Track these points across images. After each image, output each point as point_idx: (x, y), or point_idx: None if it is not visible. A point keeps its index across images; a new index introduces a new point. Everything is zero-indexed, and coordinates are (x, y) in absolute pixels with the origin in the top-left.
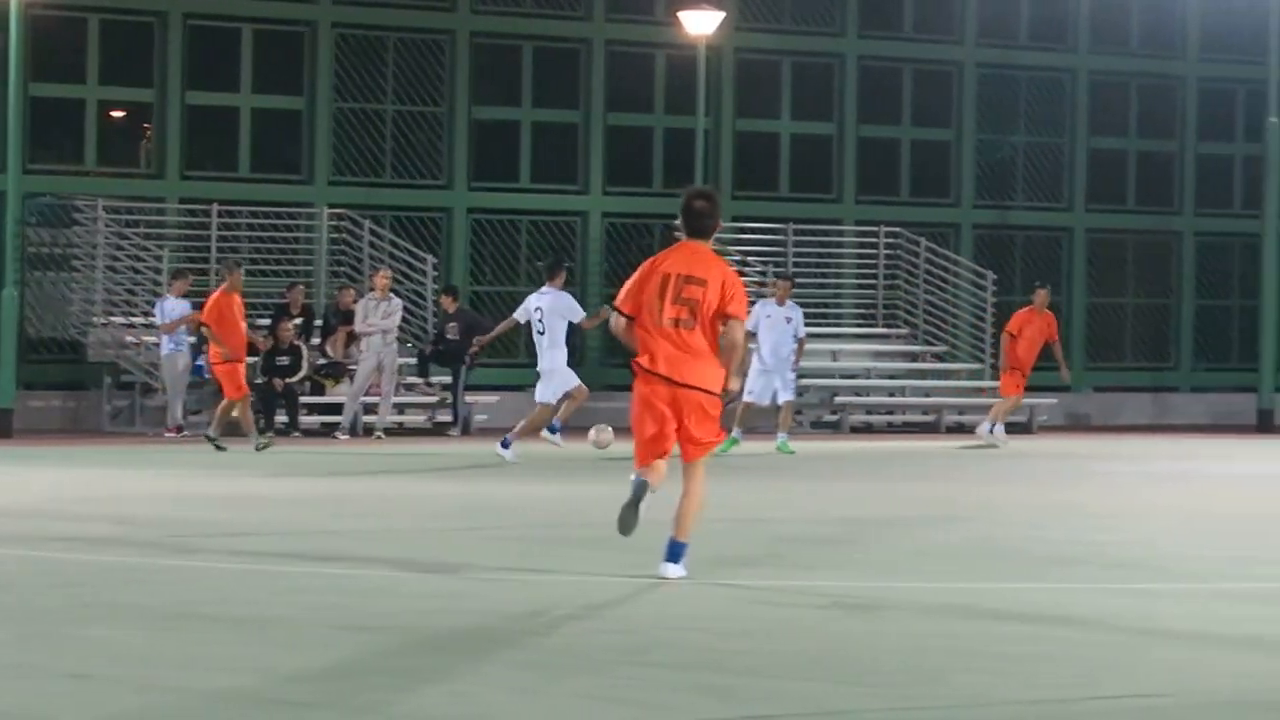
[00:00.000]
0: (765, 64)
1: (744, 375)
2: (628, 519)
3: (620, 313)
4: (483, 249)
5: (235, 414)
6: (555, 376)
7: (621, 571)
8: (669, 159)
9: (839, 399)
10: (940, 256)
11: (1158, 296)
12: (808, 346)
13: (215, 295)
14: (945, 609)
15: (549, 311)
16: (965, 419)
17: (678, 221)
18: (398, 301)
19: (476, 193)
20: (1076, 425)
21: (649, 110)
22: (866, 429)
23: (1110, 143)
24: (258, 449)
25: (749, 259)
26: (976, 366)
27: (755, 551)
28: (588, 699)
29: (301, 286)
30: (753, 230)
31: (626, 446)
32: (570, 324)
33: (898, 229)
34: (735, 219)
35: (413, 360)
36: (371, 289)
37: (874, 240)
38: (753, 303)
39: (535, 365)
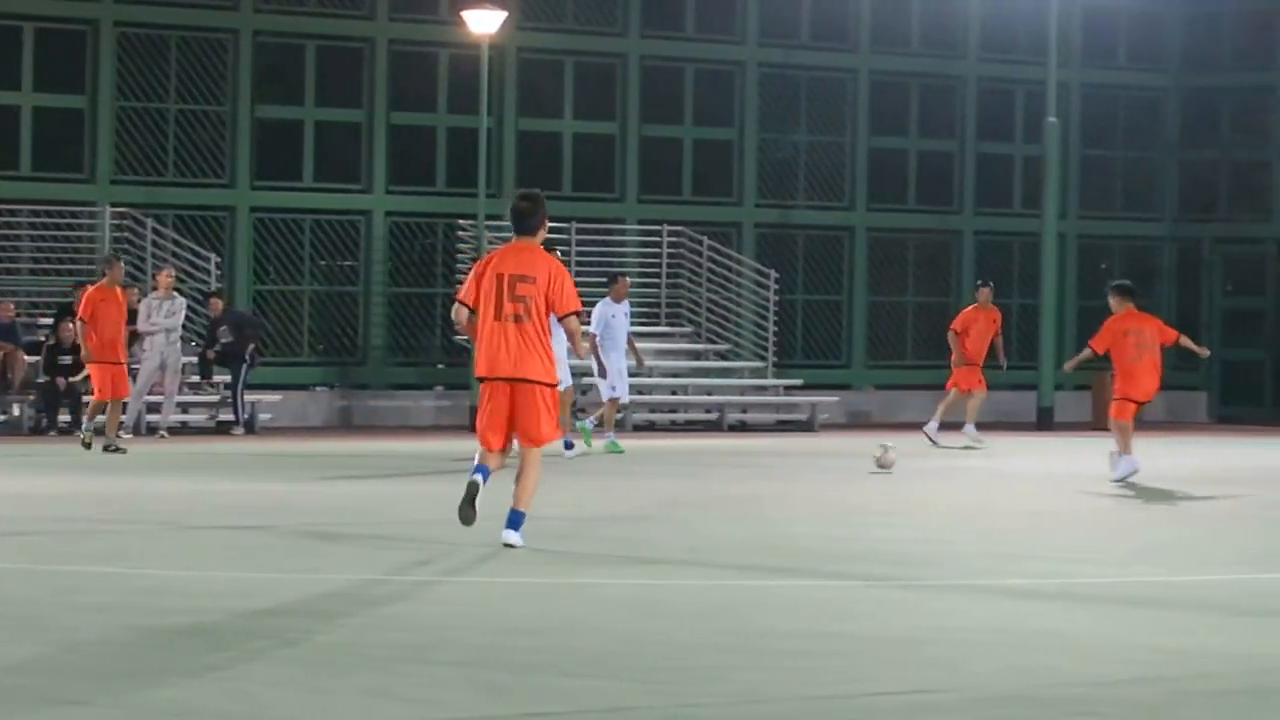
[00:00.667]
0: (548, 63)
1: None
2: (465, 513)
3: (465, 305)
4: (266, 248)
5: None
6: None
7: (404, 570)
8: (452, 158)
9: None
10: (723, 255)
11: (938, 295)
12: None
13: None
14: (724, 606)
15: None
16: (748, 417)
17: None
18: (181, 300)
19: (260, 191)
20: (858, 423)
21: (432, 109)
22: (650, 427)
23: (891, 142)
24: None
25: None
26: (759, 364)
27: (536, 549)
28: (368, 696)
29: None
30: None
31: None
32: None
33: (680, 228)
34: None
35: (191, 359)
36: (154, 288)
37: (657, 239)
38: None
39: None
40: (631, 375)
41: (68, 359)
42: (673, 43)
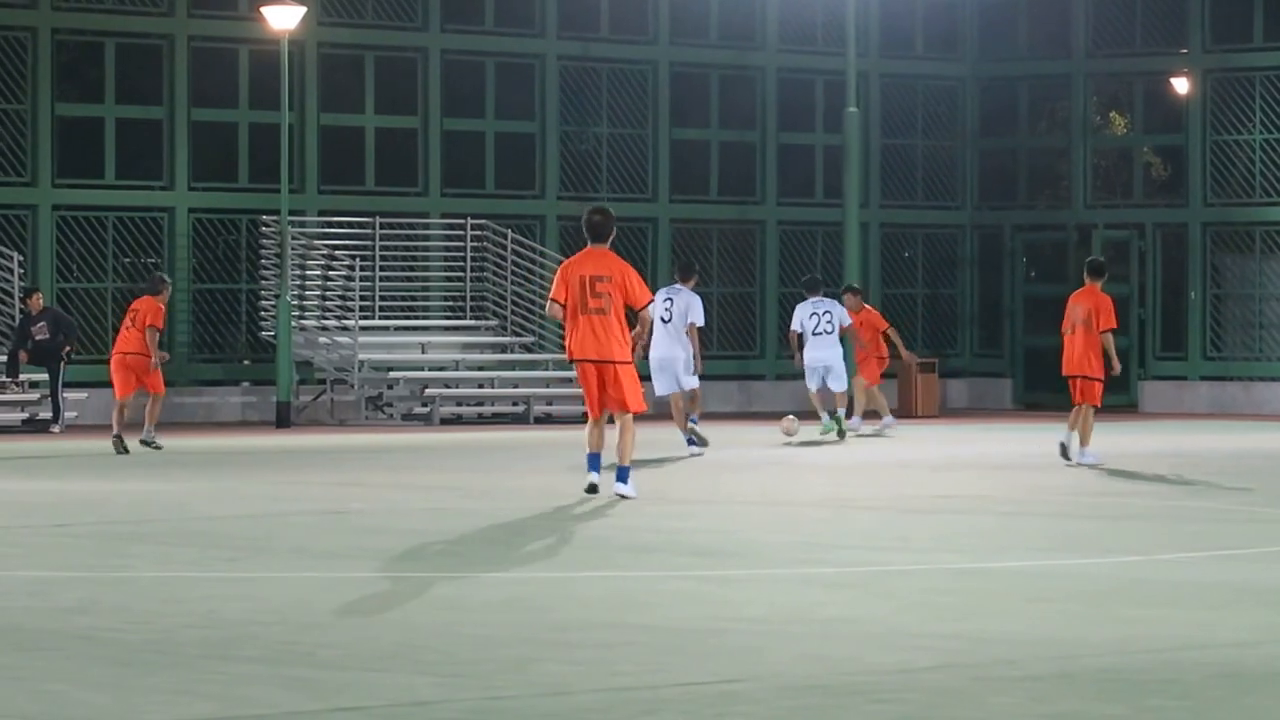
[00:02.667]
0: (348, 58)
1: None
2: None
3: (555, 302)
4: (69, 246)
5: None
6: (674, 365)
7: (208, 566)
8: (254, 154)
9: (429, 391)
10: (526, 248)
11: (742, 285)
12: (397, 339)
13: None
14: (524, 599)
15: (678, 306)
16: (554, 409)
17: None
18: None
19: (61, 189)
20: (662, 415)
21: (233, 105)
22: (457, 420)
23: (692, 134)
24: None
25: (337, 253)
26: (564, 356)
27: (339, 544)
28: (171, 694)
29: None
30: (340, 224)
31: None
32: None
33: (484, 221)
34: (323, 213)
35: (0, 358)
36: None
37: (461, 233)
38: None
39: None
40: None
41: None
42: (473, 36)
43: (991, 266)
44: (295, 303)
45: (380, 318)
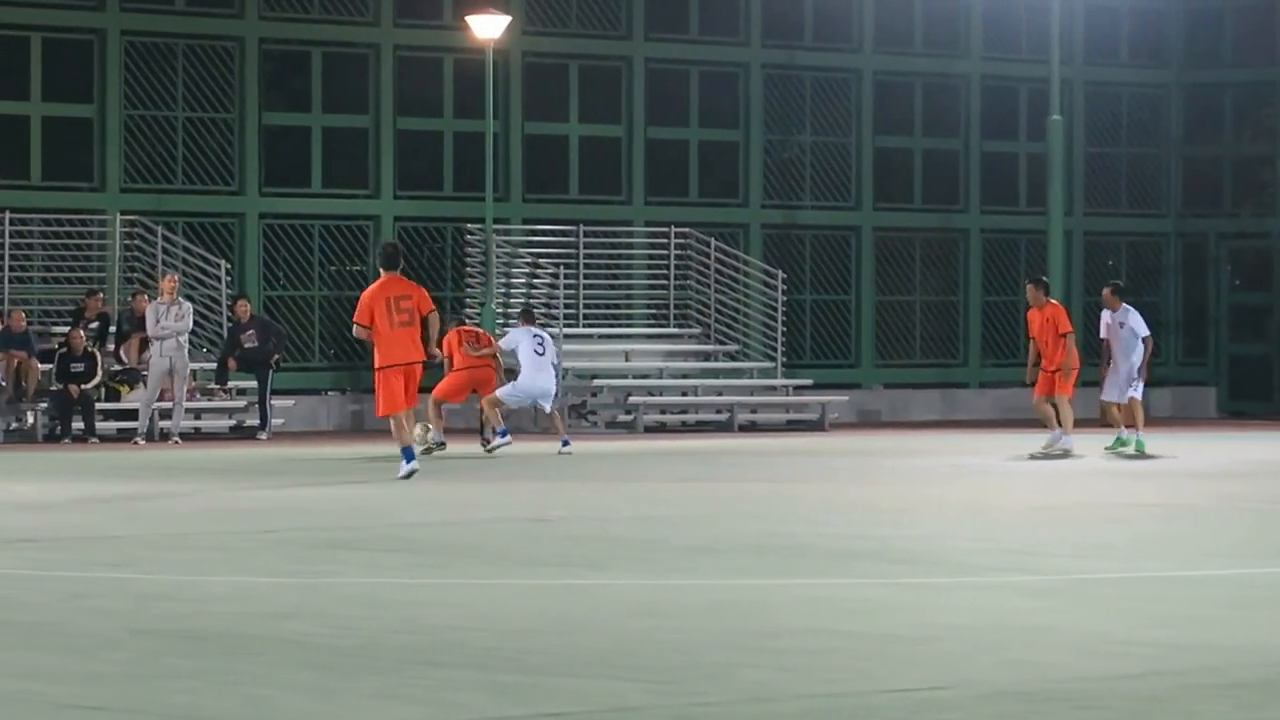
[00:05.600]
0: (553, 67)
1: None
2: None
3: (360, 325)
4: (276, 254)
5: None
6: (546, 392)
7: (410, 573)
8: (459, 163)
9: (632, 399)
10: (730, 256)
11: (945, 294)
12: (600, 347)
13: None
14: (729, 605)
15: (549, 343)
16: (758, 417)
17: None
18: (188, 305)
19: (268, 198)
20: (867, 422)
21: (438, 114)
22: (660, 428)
23: (896, 141)
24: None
25: (541, 261)
26: (768, 365)
27: (545, 551)
28: (377, 699)
29: (101, 294)
30: (544, 233)
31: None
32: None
33: (688, 229)
34: (526, 221)
35: (210, 365)
36: (159, 293)
37: (664, 241)
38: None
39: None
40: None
41: (80, 366)
42: (677, 45)
43: (1196, 274)
44: (500, 310)
45: (584, 326)
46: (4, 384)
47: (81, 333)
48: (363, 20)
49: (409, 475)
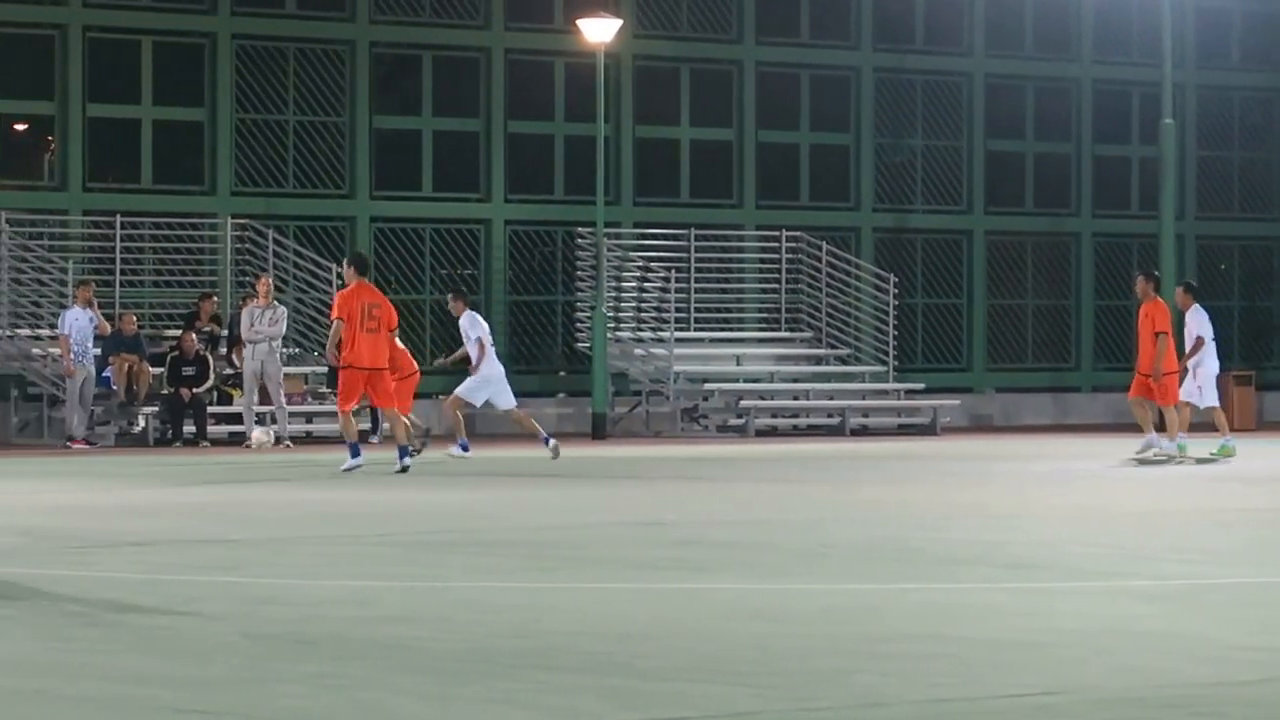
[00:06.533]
0: (664, 71)
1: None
2: None
3: (339, 319)
4: (387, 257)
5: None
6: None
7: (521, 577)
8: (570, 166)
9: (743, 403)
10: (841, 260)
11: (1057, 297)
12: (711, 351)
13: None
14: (839, 610)
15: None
16: (869, 421)
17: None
18: (282, 309)
19: (379, 201)
20: (979, 426)
21: (549, 118)
22: (772, 432)
23: (1008, 145)
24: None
25: (652, 265)
26: (880, 369)
27: (654, 554)
28: (488, 703)
29: (215, 298)
30: (655, 236)
31: None
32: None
33: (799, 233)
34: (637, 225)
35: (321, 369)
36: (254, 296)
37: (775, 245)
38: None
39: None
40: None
41: (191, 370)
42: (788, 48)
43: None
44: (610, 314)
45: (695, 329)
46: (115, 387)
47: (194, 336)
48: (473, 24)
49: (351, 470)
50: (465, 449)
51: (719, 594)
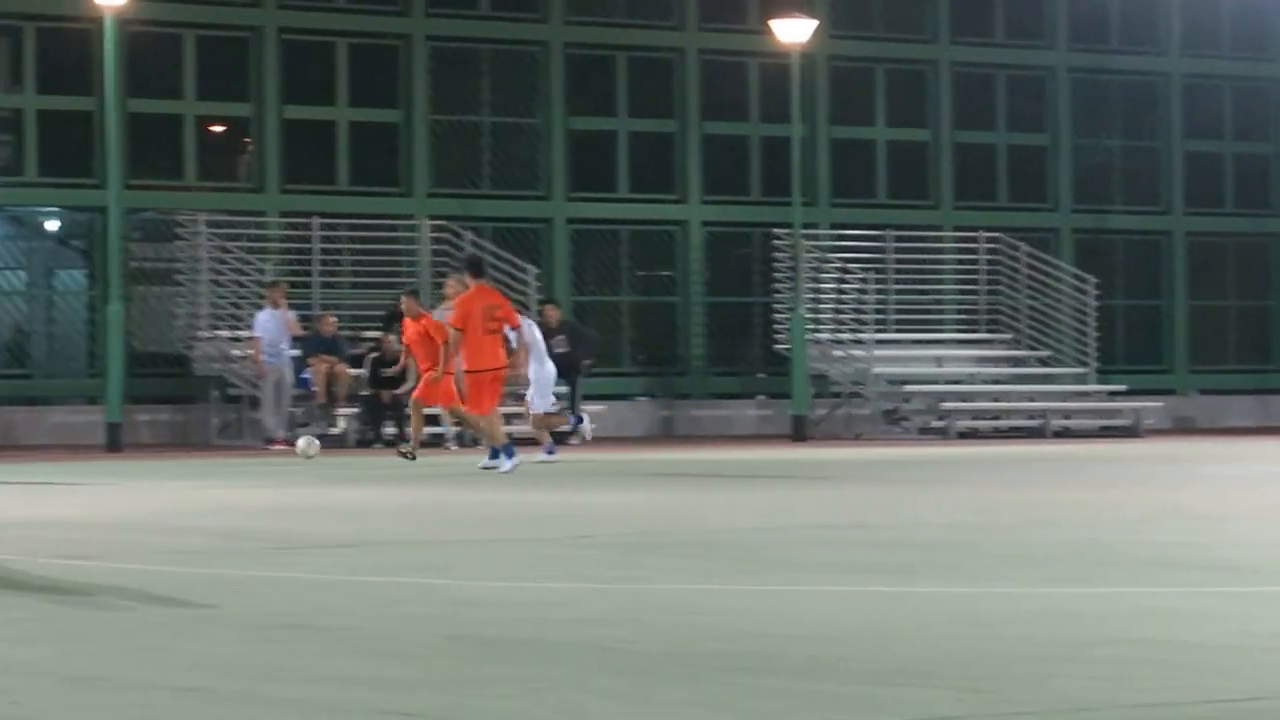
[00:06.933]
0: (858, 71)
1: None
2: None
3: (456, 329)
4: (584, 259)
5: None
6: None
7: (720, 578)
8: (766, 167)
9: (944, 405)
10: (1041, 261)
11: (1259, 298)
12: (911, 353)
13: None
14: (1042, 613)
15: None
16: (1071, 423)
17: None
18: None
19: (575, 203)
20: (1182, 428)
21: (744, 119)
22: (972, 434)
23: (1206, 145)
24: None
25: (850, 266)
26: (1081, 370)
27: (857, 557)
28: (690, 706)
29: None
30: (852, 237)
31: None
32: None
33: (997, 234)
34: (835, 226)
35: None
36: (444, 298)
37: (974, 246)
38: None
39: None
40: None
41: (392, 371)
42: (983, 49)
43: None
44: (809, 316)
45: (894, 331)
46: (314, 389)
47: (393, 337)
48: (667, 24)
49: (510, 470)
50: (551, 453)
51: (919, 597)
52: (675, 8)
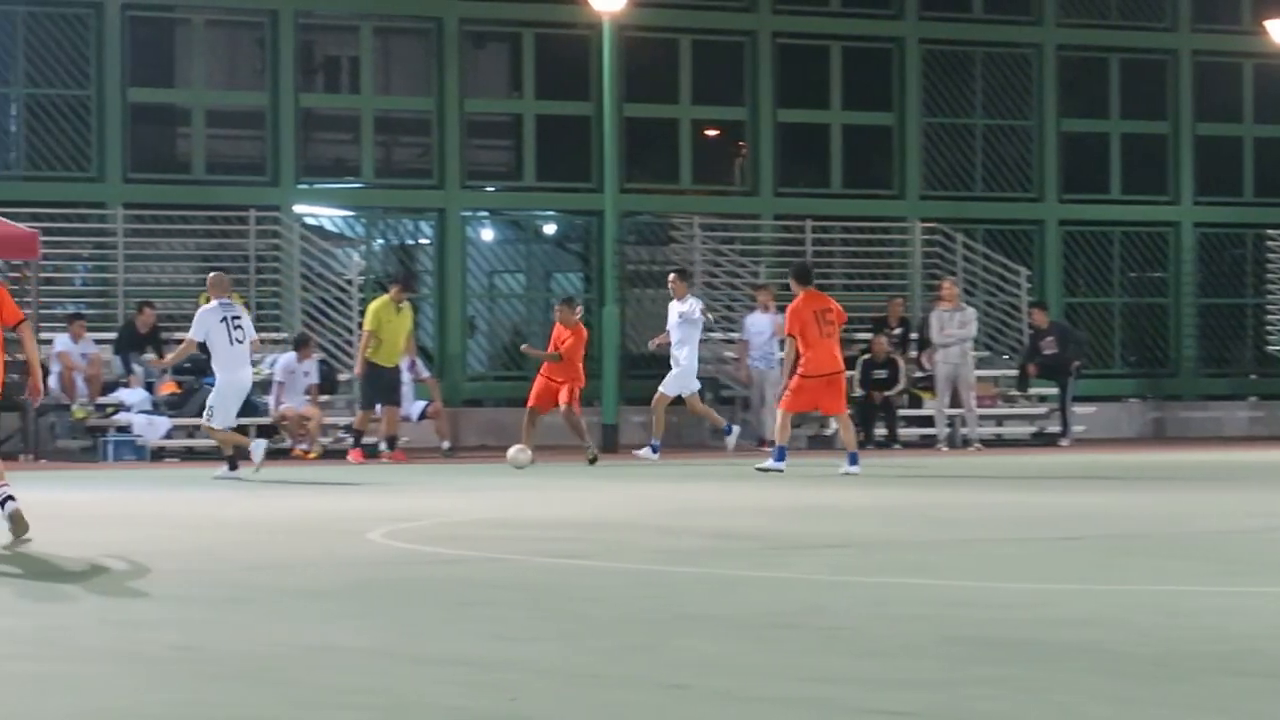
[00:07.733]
0: None
1: None
2: None
3: (791, 336)
4: (1075, 261)
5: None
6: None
7: (1204, 580)
8: (1259, 168)
9: None
10: None
11: None
12: None
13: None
14: None
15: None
16: None
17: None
18: (971, 311)
19: (1067, 205)
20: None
21: (1238, 119)
22: None
23: None
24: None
25: None
26: None
27: None
28: (1177, 708)
29: (900, 300)
30: None
31: None
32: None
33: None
34: None
35: (1011, 372)
36: (940, 299)
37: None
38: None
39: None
40: None
41: (882, 373)
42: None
43: None
44: None
45: None
46: None
47: (884, 339)
48: (1159, 26)
49: (768, 470)
50: (655, 450)
51: None
52: (1169, 9)
